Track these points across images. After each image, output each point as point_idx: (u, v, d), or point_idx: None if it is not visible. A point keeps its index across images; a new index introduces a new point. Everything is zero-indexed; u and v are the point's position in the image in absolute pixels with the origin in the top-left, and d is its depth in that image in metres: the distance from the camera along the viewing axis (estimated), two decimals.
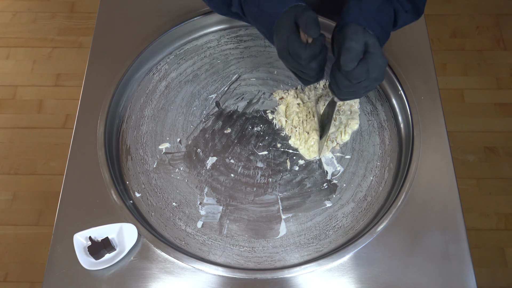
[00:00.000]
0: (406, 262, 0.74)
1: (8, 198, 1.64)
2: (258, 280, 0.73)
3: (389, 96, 0.90)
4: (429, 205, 0.78)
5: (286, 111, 0.89)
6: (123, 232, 0.75)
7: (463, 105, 1.79)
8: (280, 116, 0.88)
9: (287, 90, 0.91)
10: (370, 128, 0.88)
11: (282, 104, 0.90)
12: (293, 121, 0.87)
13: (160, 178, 0.84)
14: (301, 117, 0.87)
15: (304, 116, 0.87)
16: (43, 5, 2.05)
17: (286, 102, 0.90)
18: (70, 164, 0.83)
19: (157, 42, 0.94)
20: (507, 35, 1.93)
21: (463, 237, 0.75)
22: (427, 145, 0.83)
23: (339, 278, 0.73)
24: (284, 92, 0.91)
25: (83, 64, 1.10)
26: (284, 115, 0.88)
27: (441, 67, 1.86)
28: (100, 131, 0.85)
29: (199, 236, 0.78)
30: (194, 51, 0.97)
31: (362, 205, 0.81)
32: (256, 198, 0.81)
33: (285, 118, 0.88)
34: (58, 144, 1.74)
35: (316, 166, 0.84)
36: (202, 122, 0.89)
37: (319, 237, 0.78)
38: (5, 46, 1.95)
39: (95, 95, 0.89)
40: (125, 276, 0.74)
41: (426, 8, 0.98)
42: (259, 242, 0.78)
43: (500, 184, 1.64)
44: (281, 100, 0.90)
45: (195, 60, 0.96)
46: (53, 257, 0.75)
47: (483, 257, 1.52)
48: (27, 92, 1.85)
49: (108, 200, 0.79)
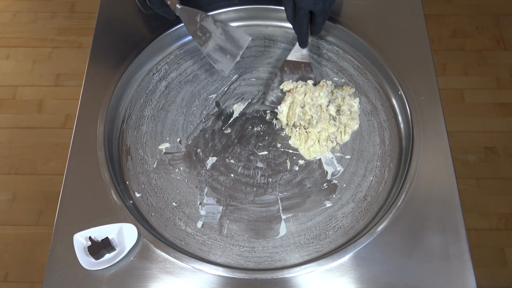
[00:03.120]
0: (406, 262, 0.74)
1: (8, 198, 1.64)
2: (258, 280, 0.73)
3: (389, 96, 0.90)
4: (429, 205, 0.78)
5: (290, 110, 0.87)
6: (123, 232, 0.75)
7: (463, 105, 1.79)
8: (282, 117, 0.86)
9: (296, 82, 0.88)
10: (370, 128, 0.88)
11: (289, 99, 0.86)
12: (294, 123, 0.86)
13: (160, 178, 0.84)
14: (304, 120, 0.86)
15: (306, 121, 0.86)
16: (43, 5, 2.05)
17: (292, 98, 0.86)
18: (70, 164, 0.83)
19: (157, 42, 0.94)
20: (507, 35, 1.93)
21: (463, 237, 0.75)
22: (427, 145, 0.83)
23: (339, 278, 0.73)
24: (293, 83, 0.88)
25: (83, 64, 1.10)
26: (286, 117, 0.87)
27: (441, 67, 1.86)
28: (100, 131, 0.85)
29: (199, 236, 0.78)
30: (194, 51, 0.97)
31: (362, 205, 0.81)
32: (256, 198, 0.82)
33: (286, 120, 0.87)
34: (58, 144, 1.74)
35: (316, 166, 0.84)
36: (202, 122, 0.89)
37: (319, 237, 0.78)
38: (5, 46, 1.95)
39: (95, 95, 0.89)
40: (125, 276, 0.74)
41: (426, 8, 0.98)
42: (259, 242, 0.78)
43: (500, 184, 1.64)
44: (289, 94, 0.87)
45: (195, 60, 0.96)
46: (53, 257, 0.75)
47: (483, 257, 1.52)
48: (27, 92, 1.85)
49: (108, 200, 0.79)
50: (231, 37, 0.84)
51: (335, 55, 0.95)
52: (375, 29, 0.94)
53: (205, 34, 0.85)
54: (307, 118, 0.85)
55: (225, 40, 0.84)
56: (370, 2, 0.98)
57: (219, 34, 0.84)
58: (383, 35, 0.94)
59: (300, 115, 0.85)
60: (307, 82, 0.87)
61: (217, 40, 0.84)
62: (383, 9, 0.98)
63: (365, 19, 0.96)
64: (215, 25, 0.84)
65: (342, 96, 0.88)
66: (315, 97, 0.85)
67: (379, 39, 0.93)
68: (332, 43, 0.96)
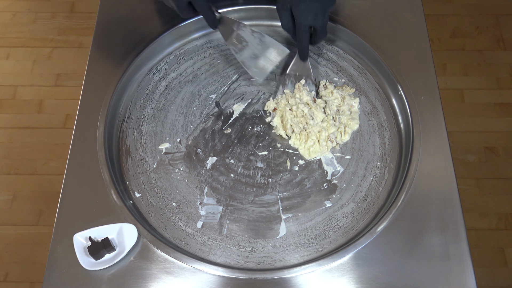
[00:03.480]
0: (406, 262, 0.74)
1: (8, 198, 1.64)
2: (258, 280, 0.73)
3: (389, 96, 0.90)
4: (429, 205, 0.78)
5: (282, 121, 0.87)
6: (123, 232, 0.75)
7: (463, 105, 1.79)
8: (279, 131, 0.87)
9: (276, 98, 0.89)
10: (370, 128, 0.88)
11: (277, 116, 0.87)
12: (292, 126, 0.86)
13: (160, 178, 0.84)
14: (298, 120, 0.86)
15: (300, 118, 0.85)
16: (43, 5, 2.05)
17: (280, 113, 0.87)
18: (70, 164, 0.83)
19: (157, 42, 0.94)
20: (507, 35, 1.93)
21: (463, 237, 0.75)
22: (427, 145, 0.83)
23: (339, 278, 0.73)
24: (274, 101, 0.89)
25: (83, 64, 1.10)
26: (282, 128, 0.87)
27: (441, 67, 1.86)
28: (100, 131, 0.85)
29: (199, 236, 0.78)
30: (194, 51, 0.97)
31: (362, 205, 0.81)
32: (256, 198, 0.82)
33: (284, 130, 0.86)
34: (58, 144, 1.74)
35: (316, 166, 0.84)
36: (202, 122, 0.89)
37: (319, 237, 0.78)
38: (5, 46, 1.95)
39: (95, 95, 0.89)
40: (125, 276, 0.74)
41: (426, 8, 0.98)
42: (259, 242, 0.78)
43: (500, 184, 1.64)
44: (275, 112, 0.88)
45: (195, 60, 0.96)
46: (53, 257, 0.75)
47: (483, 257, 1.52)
48: (27, 92, 1.85)
49: (108, 200, 0.79)
50: (268, 48, 0.86)
51: (335, 55, 0.95)
52: (375, 29, 0.94)
53: (241, 42, 0.86)
54: (302, 119, 0.85)
55: (261, 49, 0.86)
56: (370, 2, 0.98)
57: (256, 44, 0.86)
58: (383, 35, 0.94)
59: (294, 119, 0.85)
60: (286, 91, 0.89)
61: (253, 49, 0.86)
62: (383, 9, 0.98)
63: (365, 19, 0.96)
64: (253, 35, 0.86)
65: (342, 96, 0.88)
66: (298, 97, 0.87)
67: (379, 39, 0.93)
68: (332, 43, 0.96)
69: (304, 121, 0.85)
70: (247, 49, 0.87)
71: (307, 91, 0.88)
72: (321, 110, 0.85)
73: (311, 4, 0.79)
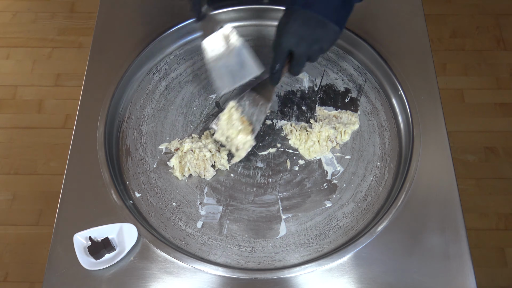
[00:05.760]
0: (406, 262, 0.74)
1: (8, 198, 1.64)
2: (258, 280, 0.73)
3: (389, 96, 0.90)
4: (429, 205, 0.78)
5: (181, 161, 0.83)
6: (123, 232, 0.75)
7: (463, 105, 1.79)
8: (175, 172, 0.83)
9: (182, 139, 0.86)
10: (370, 128, 0.88)
11: (175, 156, 0.83)
12: (189, 170, 0.82)
13: (160, 178, 0.84)
14: (197, 163, 0.82)
15: (200, 162, 0.82)
16: (43, 5, 2.05)
17: (180, 152, 0.83)
18: (70, 164, 0.83)
19: (157, 42, 0.94)
20: (507, 35, 1.93)
21: (463, 237, 0.75)
22: (427, 145, 0.83)
23: (339, 278, 0.73)
24: (179, 142, 0.85)
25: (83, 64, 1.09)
26: (178, 170, 0.83)
27: (441, 67, 1.86)
28: (100, 131, 0.85)
29: (199, 236, 0.78)
30: (194, 51, 0.97)
31: (362, 205, 0.81)
32: (256, 198, 0.82)
33: (180, 172, 0.82)
34: (58, 144, 1.74)
35: (316, 166, 0.84)
36: (202, 122, 0.89)
37: (319, 237, 0.78)
38: (5, 46, 1.95)
39: (95, 95, 0.89)
40: (125, 276, 0.74)
41: (426, 8, 0.98)
42: (259, 242, 0.78)
43: (500, 184, 1.64)
44: (176, 152, 0.84)
45: (195, 60, 0.96)
46: (53, 257, 0.75)
47: (483, 257, 1.52)
48: (27, 92, 1.85)
49: (108, 200, 0.79)
50: (242, 62, 0.80)
51: (335, 55, 0.95)
52: (375, 29, 0.94)
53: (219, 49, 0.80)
54: (201, 164, 0.82)
55: (235, 62, 0.80)
56: (370, 2, 0.98)
57: (233, 54, 0.80)
58: (383, 35, 0.94)
59: (193, 162, 0.82)
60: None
61: (227, 59, 0.80)
62: (383, 9, 0.98)
63: (365, 19, 0.96)
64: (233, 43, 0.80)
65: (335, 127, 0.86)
66: (203, 143, 0.84)
67: (379, 39, 0.93)
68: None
69: (203, 166, 0.82)
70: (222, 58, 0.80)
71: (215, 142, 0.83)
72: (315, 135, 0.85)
73: (300, 28, 0.71)
